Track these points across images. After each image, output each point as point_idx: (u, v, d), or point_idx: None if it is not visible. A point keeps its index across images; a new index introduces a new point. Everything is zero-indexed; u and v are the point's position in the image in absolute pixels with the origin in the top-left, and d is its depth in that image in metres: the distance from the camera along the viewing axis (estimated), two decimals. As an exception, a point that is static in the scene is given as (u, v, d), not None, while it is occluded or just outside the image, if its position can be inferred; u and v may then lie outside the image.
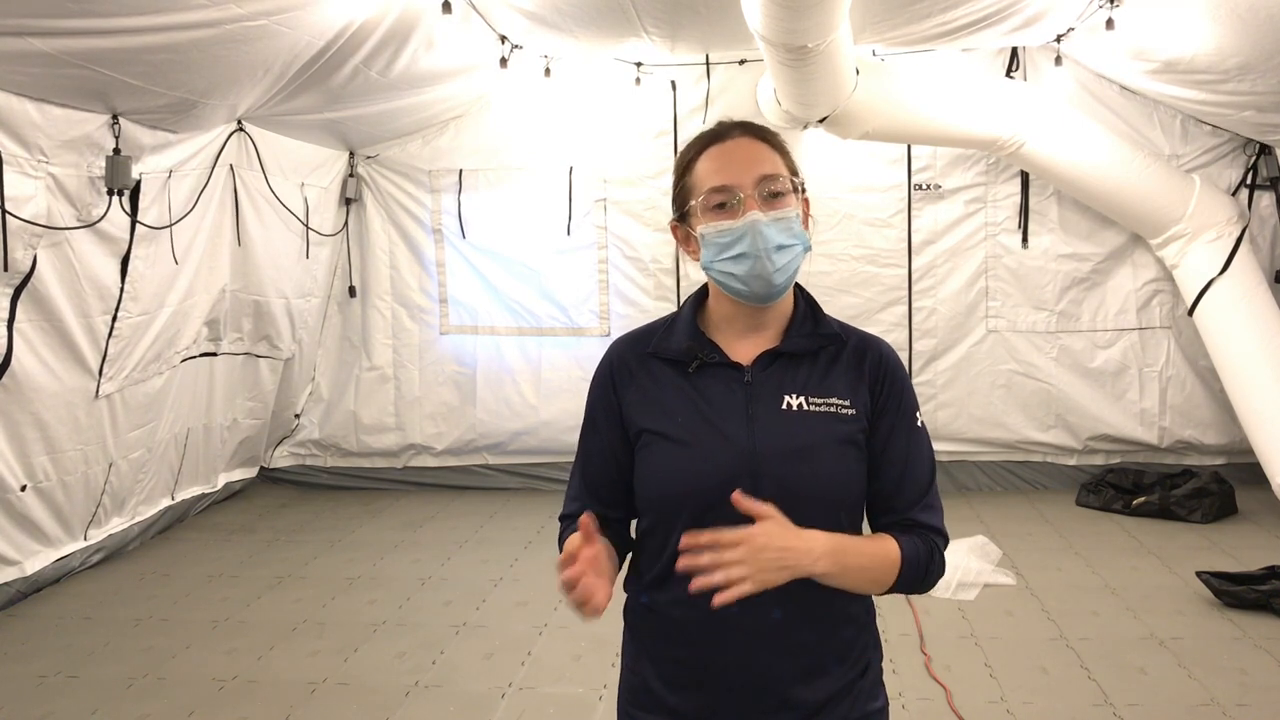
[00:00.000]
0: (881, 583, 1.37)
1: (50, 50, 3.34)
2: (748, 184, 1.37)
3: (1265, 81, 4.42)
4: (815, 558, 1.27)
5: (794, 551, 1.25)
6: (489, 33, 4.96)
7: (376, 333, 6.38)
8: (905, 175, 5.95)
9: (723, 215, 1.38)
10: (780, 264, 1.37)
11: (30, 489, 4.26)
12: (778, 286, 1.39)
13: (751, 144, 1.40)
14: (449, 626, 4.08)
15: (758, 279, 1.37)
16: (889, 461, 1.41)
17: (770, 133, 1.43)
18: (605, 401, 1.49)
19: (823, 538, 1.29)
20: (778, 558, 1.24)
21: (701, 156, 1.41)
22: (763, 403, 1.39)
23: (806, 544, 1.27)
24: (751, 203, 1.36)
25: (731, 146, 1.40)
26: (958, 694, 3.36)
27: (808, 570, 1.26)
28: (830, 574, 1.29)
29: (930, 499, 1.44)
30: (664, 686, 1.41)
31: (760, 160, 1.39)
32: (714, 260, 1.39)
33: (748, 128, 1.42)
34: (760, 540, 1.23)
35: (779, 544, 1.24)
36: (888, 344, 1.49)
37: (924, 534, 1.41)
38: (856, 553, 1.34)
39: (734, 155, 1.39)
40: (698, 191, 1.40)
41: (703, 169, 1.40)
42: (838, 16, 3.53)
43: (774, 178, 1.38)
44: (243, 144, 5.12)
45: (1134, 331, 5.86)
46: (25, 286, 3.95)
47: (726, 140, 1.41)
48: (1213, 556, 4.67)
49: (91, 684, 3.55)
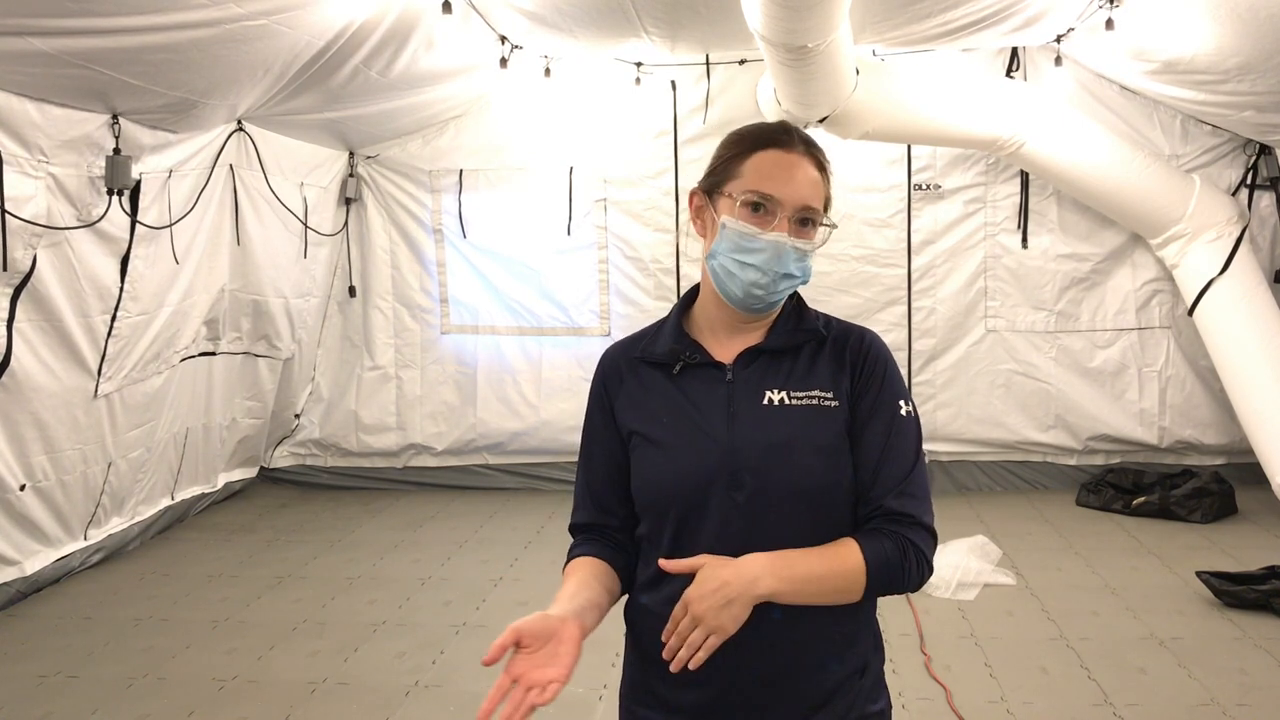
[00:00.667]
0: (849, 590, 1.32)
1: (50, 50, 3.34)
2: (790, 205, 1.37)
3: (1265, 81, 4.42)
4: (752, 579, 1.25)
5: (729, 584, 1.24)
6: (489, 33, 4.96)
7: (378, 332, 6.38)
8: (905, 175, 5.95)
9: (754, 219, 1.38)
10: (779, 289, 1.39)
11: (30, 489, 4.26)
12: (771, 305, 1.41)
13: (810, 168, 1.40)
14: (449, 626, 4.08)
15: (753, 293, 1.38)
16: (867, 445, 1.38)
17: (825, 159, 1.44)
18: (600, 407, 1.50)
19: (760, 558, 1.28)
20: (717, 597, 1.23)
21: (761, 152, 1.39)
22: (744, 400, 1.39)
23: (740, 571, 1.25)
24: (785, 224, 1.37)
25: (793, 161, 1.39)
26: (958, 694, 3.36)
27: (751, 594, 1.24)
28: (780, 591, 1.26)
29: (910, 487, 1.36)
30: (663, 685, 1.41)
31: (811, 186, 1.39)
32: (724, 252, 1.39)
33: (810, 147, 1.42)
34: (695, 593, 1.24)
35: (711, 588, 1.24)
36: (873, 333, 1.47)
37: (894, 531, 1.34)
38: (804, 564, 1.29)
39: (792, 172, 1.38)
40: (743, 184, 1.38)
41: (757, 165, 1.39)
42: (838, 16, 3.54)
43: (815, 211, 1.39)
44: (242, 144, 5.11)
45: (1133, 331, 5.86)
46: (25, 286, 3.94)
47: (790, 151, 1.39)
48: (1213, 556, 4.67)
49: (91, 684, 3.55)
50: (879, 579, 1.32)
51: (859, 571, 1.31)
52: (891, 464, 1.37)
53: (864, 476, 1.38)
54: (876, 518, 1.36)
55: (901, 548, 1.33)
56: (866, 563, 1.31)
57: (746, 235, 1.37)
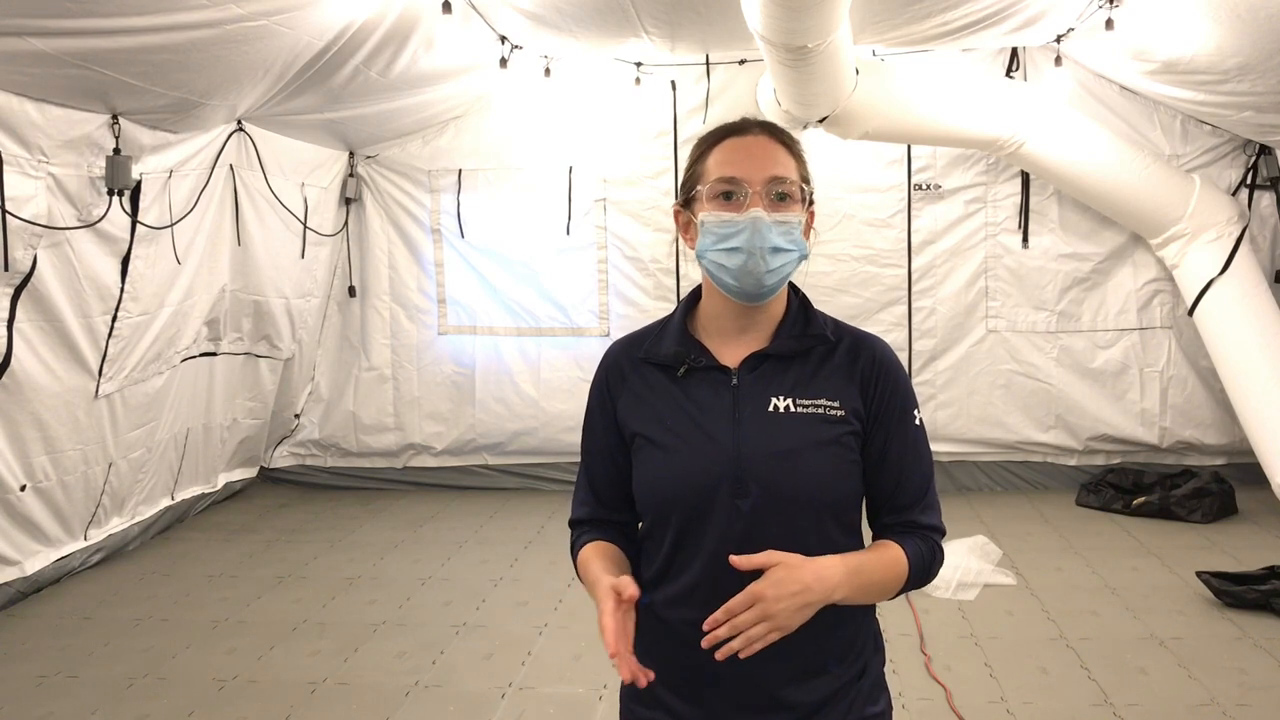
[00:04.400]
0: (891, 590, 1.38)
1: (50, 50, 3.34)
2: (757, 181, 1.36)
3: (1265, 81, 4.42)
4: (833, 587, 1.26)
5: (811, 590, 1.24)
6: (489, 33, 4.96)
7: (375, 333, 6.38)
8: (905, 175, 5.95)
9: (727, 206, 1.38)
10: (773, 265, 1.36)
11: (30, 489, 4.26)
12: (767, 287, 1.38)
13: (769, 144, 1.39)
14: (449, 626, 4.08)
15: (748, 275, 1.37)
16: (888, 464, 1.41)
17: (790, 137, 1.43)
18: (601, 406, 1.50)
19: (836, 564, 1.29)
20: (797, 600, 1.23)
21: (717, 147, 1.41)
22: (749, 405, 1.38)
23: (823, 578, 1.26)
24: (757, 200, 1.36)
25: (750, 142, 1.39)
26: (958, 694, 3.36)
27: (828, 601, 1.27)
28: (849, 598, 1.30)
29: (930, 498, 1.44)
30: (662, 687, 1.41)
31: (775, 161, 1.38)
32: (709, 248, 1.39)
33: (768, 127, 1.42)
34: (772, 593, 1.22)
35: (792, 590, 1.23)
36: (883, 343, 1.47)
37: (925, 534, 1.42)
38: (870, 570, 1.34)
39: (750, 151, 1.38)
40: (707, 179, 1.40)
41: (716, 159, 1.40)
42: (838, 16, 3.54)
43: (784, 180, 1.38)
44: (243, 144, 5.12)
45: (1135, 331, 5.86)
46: (25, 286, 3.95)
47: (745, 135, 1.40)
48: (1213, 556, 4.67)
49: (91, 684, 3.55)
50: (914, 581, 1.40)
51: (904, 575, 1.38)
52: (914, 478, 1.43)
53: (885, 490, 1.42)
54: (898, 525, 1.42)
55: (931, 550, 1.42)
56: (910, 567, 1.38)
57: (724, 222, 1.37)
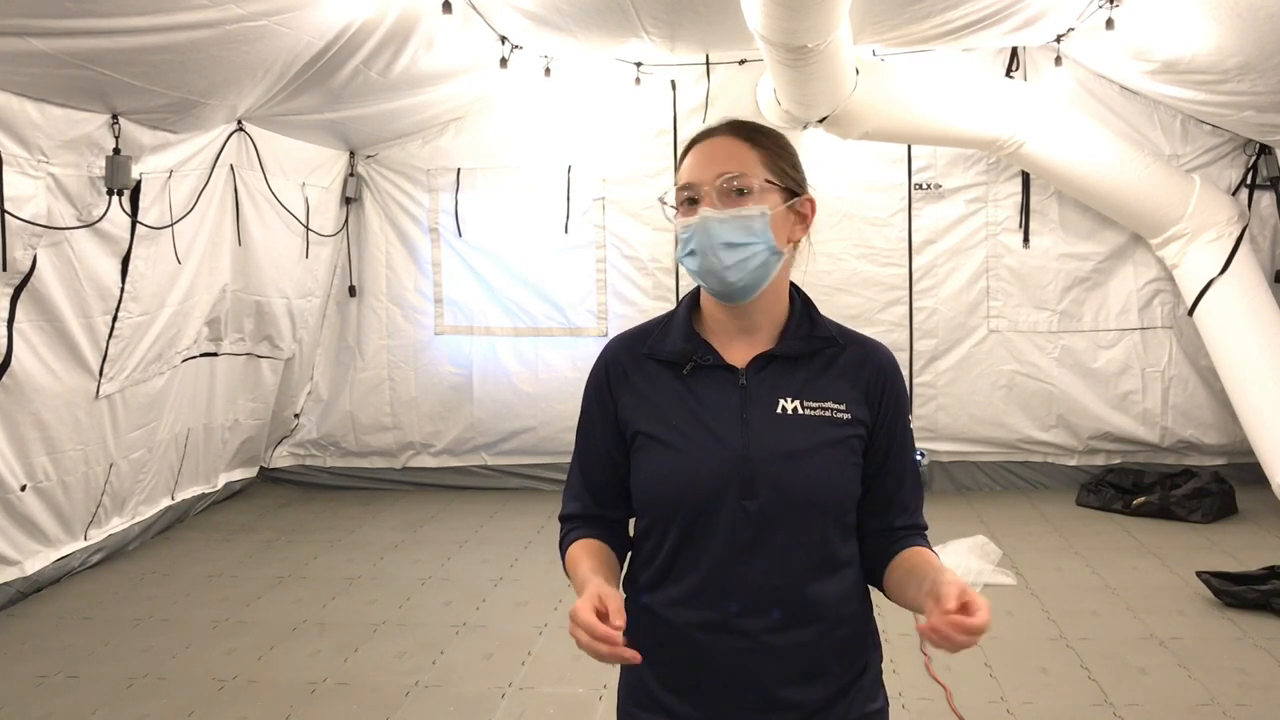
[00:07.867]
0: None
1: (50, 50, 3.34)
2: (707, 180, 1.36)
3: (1265, 81, 4.42)
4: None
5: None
6: (489, 33, 4.96)
7: (371, 333, 6.37)
8: (905, 175, 5.95)
9: (690, 212, 1.38)
10: (729, 262, 1.34)
11: (30, 489, 4.26)
12: (734, 284, 1.36)
13: (729, 142, 1.38)
14: (449, 626, 4.08)
15: (710, 275, 1.36)
16: (889, 471, 1.43)
17: (756, 131, 1.40)
18: (600, 402, 1.48)
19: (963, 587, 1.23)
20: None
21: (687, 155, 1.41)
22: (757, 406, 1.38)
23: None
24: (708, 200, 1.36)
25: (710, 144, 1.39)
26: (958, 694, 3.35)
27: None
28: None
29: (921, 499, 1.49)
30: (661, 687, 1.41)
31: (728, 157, 1.36)
32: (681, 255, 1.40)
33: (734, 126, 1.40)
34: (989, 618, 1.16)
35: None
36: (886, 349, 1.48)
37: (924, 535, 1.45)
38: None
39: (708, 153, 1.38)
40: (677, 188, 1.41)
41: (683, 167, 1.41)
42: (837, 16, 3.54)
43: (735, 175, 1.35)
44: (243, 144, 5.12)
45: (1136, 331, 5.85)
46: (25, 286, 3.95)
47: (710, 138, 1.40)
48: (1213, 556, 4.67)
49: (91, 684, 3.55)
50: None
51: None
52: (911, 483, 1.46)
53: (884, 494, 1.43)
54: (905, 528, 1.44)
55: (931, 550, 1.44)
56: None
57: (685, 226, 1.38)
